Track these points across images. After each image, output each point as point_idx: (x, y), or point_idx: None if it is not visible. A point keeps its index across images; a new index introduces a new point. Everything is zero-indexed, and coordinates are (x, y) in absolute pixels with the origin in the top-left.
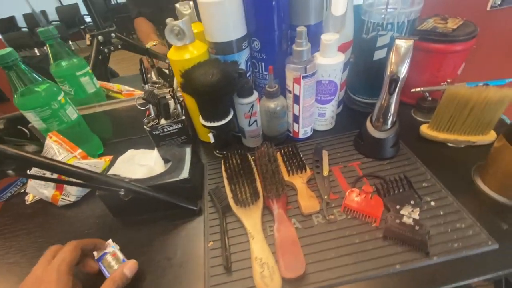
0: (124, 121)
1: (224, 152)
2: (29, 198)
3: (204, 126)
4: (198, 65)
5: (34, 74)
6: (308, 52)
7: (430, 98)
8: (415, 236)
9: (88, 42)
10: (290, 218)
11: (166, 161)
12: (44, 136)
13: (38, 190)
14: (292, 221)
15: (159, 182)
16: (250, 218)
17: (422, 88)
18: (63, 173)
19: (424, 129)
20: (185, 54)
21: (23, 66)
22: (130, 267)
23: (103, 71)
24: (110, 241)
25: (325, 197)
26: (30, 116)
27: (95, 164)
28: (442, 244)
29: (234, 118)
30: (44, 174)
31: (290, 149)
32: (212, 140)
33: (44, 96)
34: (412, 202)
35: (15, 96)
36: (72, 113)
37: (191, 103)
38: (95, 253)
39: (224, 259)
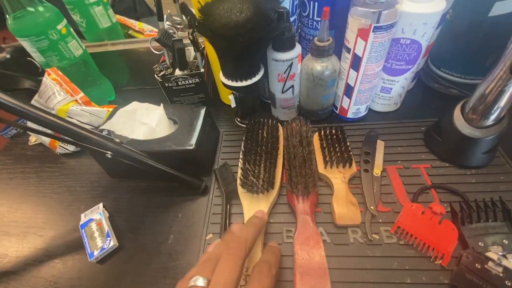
0: (142, 66)
1: (251, 120)
2: (32, 139)
3: (225, 85)
4: None
5: None
6: None
7: None
8: None
9: None
10: (316, 227)
11: (174, 122)
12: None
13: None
14: (319, 231)
15: (157, 149)
16: (253, 210)
17: None
18: (32, 120)
19: None
20: None
21: None
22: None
23: (131, 7)
24: (100, 205)
25: (371, 207)
26: (26, 45)
27: (97, 113)
28: None
29: (264, 79)
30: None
31: (334, 131)
32: (233, 104)
33: (40, 22)
34: (505, 241)
35: (8, 18)
36: (76, 48)
37: (213, 52)
38: (82, 215)
39: None
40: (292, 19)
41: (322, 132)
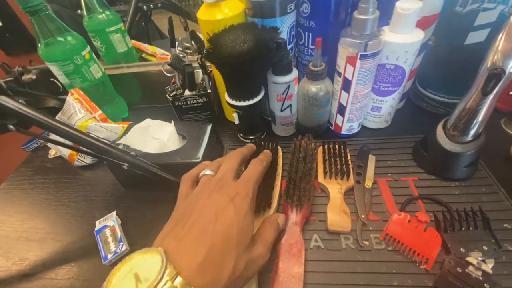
0: (153, 86)
1: (252, 138)
2: (51, 153)
3: (229, 104)
4: (228, 29)
5: (60, 23)
6: (374, 22)
7: None
8: None
9: None
10: (311, 234)
11: (183, 137)
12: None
13: (56, 146)
14: (314, 237)
15: (166, 161)
16: None
17: None
18: (61, 135)
19: None
20: (217, 14)
21: (48, 12)
22: (282, 219)
23: (144, 31)
24: (113, 213)
25: (362, 215)
26: (54, 69)
27: (113, 129)
28: None
29: (265, 99)
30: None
31: (337, 146)
32: (236, 121)
33: (68, 49)
34: (484, 247)
35: (39, 45)
36: (96, 71)
37: (219, 75)
38: (97, 222)
39: None
40: (289, 47)
41: (326, 146)
